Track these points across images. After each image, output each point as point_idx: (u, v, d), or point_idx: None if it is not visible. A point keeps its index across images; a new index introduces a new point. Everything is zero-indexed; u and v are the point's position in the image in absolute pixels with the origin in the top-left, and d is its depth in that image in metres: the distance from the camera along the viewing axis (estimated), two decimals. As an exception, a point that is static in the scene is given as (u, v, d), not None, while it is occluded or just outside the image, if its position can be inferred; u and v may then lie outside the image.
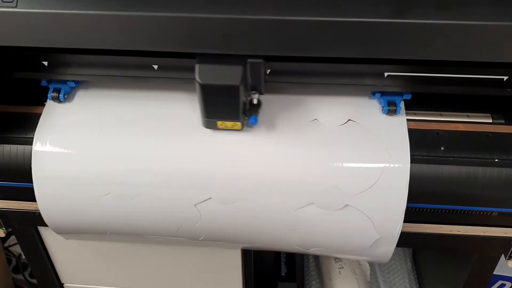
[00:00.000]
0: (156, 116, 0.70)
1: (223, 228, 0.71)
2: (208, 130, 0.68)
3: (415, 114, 0.70)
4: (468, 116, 0.70)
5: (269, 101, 0.70)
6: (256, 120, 0.66)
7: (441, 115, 0.70)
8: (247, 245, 0.76)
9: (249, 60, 0.61)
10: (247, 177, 0.67)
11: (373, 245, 0.68)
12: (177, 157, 0.67)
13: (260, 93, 0.66)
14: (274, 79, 0.65)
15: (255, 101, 0.66)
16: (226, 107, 0.64)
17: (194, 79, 0.61)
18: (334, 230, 0.69)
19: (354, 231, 0.68)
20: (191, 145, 0.68)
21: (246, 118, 0.66)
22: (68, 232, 0.76)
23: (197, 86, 0.61)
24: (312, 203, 0.66)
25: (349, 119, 0.68)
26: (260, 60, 0.61)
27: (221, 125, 0.66)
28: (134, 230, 0.73)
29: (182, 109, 0.70)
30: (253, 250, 0.85)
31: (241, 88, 0.61)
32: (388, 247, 0.69)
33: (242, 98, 0.63)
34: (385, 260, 0.72)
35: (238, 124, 0.66)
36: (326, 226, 0.68)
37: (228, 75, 0.61)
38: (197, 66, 0.61)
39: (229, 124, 0.66)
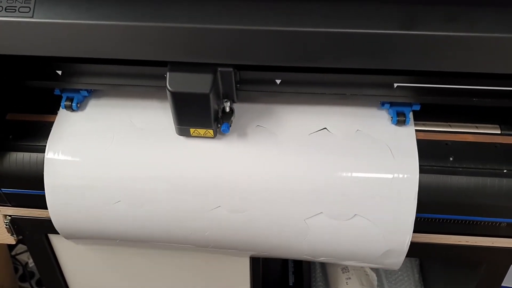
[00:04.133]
0: (166, 124, 0.70)
1: (232, 237, 0.71)
2: (218, 137, 0.68)
3: (424, 125, 0.70)
4: (477, 127, 0.70)
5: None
6: (228, 127, 0.66)
7: (450, 126, 0.70)
8: (255, 253, 0.76)
9: (220, 68, 0.61)
10: (255, 185, 0.67)
11: (383, 254, 0.69)
12: (189, 165, 0.68)
13: (233, 101, 0.66)
14: (283, 89, 0.66)
15: (227, 109, 0.66)
16: (198, 115, 0.64)
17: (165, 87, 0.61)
18: (344, 240, 0.69)
19: (364, 241, 0.68)
20: (202, 153, 0.68)
21: (219, 125, 0.66)
22: (77, 237, 0.77)
23: (168, 94, 0.62)
24: (321, 212, 0.67)
25: (358, 129, 0.68)
26: (231, 69, 0.62)
27: (193, 132, 0.67)
28: (144, 237, 0.73)
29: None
30: (261, 260, 0.85)
31: (212, 96, 0.61)
32: (398, 257, 0.69)
33: (214, 106, 0.63)
34: (395, 268, 0.72)
35: (210, 132, 0.66)
36: (336, 236, 0.68)
37: (198, 83, 0.61)
38: (168, 74, 0.61)
39: (201, 131, 0.66)
